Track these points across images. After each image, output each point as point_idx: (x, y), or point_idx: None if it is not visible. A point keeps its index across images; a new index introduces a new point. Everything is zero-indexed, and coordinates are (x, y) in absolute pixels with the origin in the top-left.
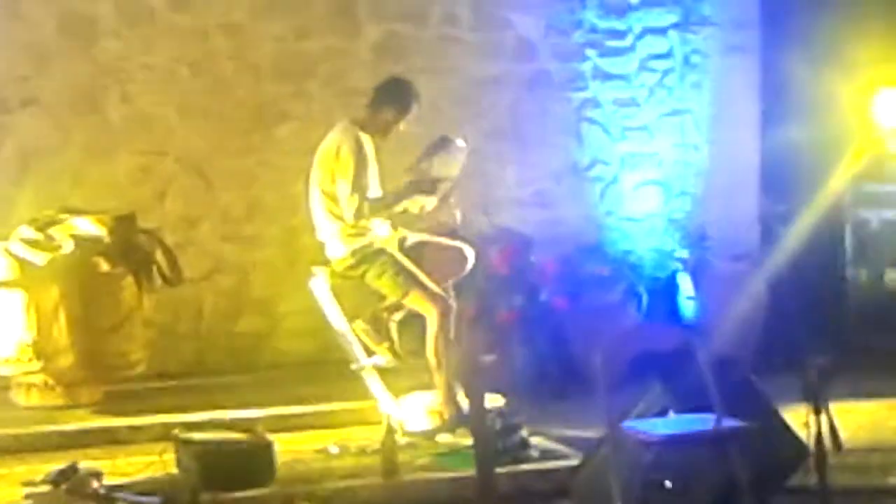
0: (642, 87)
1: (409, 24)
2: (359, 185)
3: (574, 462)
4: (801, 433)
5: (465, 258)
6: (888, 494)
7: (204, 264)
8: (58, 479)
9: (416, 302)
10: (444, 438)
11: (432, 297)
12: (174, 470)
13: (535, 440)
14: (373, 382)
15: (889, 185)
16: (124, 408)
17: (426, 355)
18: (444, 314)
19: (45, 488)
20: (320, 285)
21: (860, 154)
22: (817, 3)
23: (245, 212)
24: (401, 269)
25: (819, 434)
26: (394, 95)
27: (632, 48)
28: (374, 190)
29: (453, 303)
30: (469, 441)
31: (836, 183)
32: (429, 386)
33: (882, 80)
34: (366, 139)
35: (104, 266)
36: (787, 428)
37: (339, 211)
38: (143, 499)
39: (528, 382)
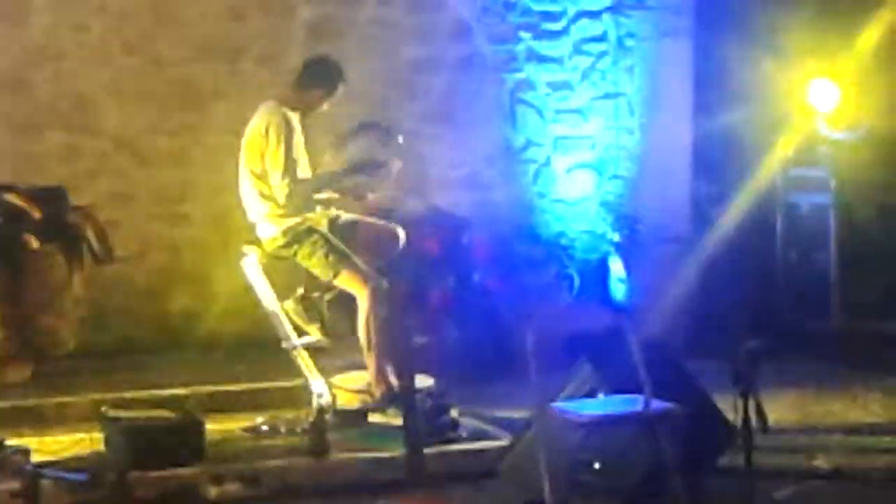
0: (576, 70)
1: (344, 5)
2: (290, 169)
3: (503, 443)
4: (731, 416)
5: (396, 238)
6: (813, 475)
7: (135, 242)
8: None
9: (346, 282)
10: (375, 418)
11: (363, 276)
12: (102, 448)
13: (464, 421)
14: (303, 362)
15: (818, 169)
16: (53, 385)
17: (357, 335)
18: (374, 294)
19: None
20: (251, 265)
21: (792, 140)
22: None
23: (177, 191)
24: (331, 249)
25: (746, 416)
26: (322, 75)
27: (566, 31)
28: (303, 168)
29: (384, 282)
30: (399, 421)
31: (768, 167)
32: (360, 366)
33: (815, 69)
34: (293, 117)
35: (34, 243)
36: (715, 410)
37: (269, 191)
38: (70, 475)
39: (459, 363)
